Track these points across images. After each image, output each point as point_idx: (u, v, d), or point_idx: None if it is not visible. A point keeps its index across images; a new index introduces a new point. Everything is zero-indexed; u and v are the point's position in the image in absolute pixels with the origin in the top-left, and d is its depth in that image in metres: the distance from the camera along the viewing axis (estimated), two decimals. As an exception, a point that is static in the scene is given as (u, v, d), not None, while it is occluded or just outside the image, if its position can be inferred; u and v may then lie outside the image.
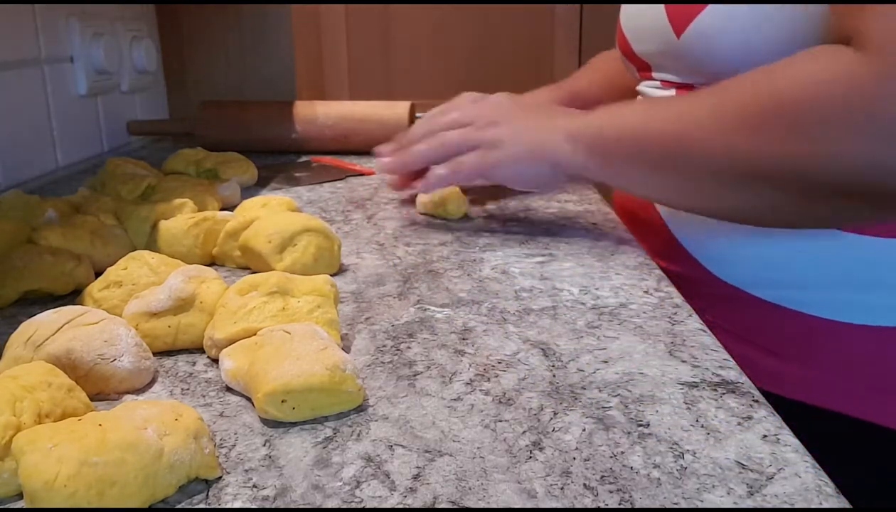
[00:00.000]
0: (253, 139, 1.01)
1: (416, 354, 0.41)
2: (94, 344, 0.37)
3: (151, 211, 0.58)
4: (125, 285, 0.46)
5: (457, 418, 0.35)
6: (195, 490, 0.30)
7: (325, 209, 0.74)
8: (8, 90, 0.79)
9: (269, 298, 0.41)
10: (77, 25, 0.91)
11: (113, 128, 1.03)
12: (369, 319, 0.46)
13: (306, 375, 0.34)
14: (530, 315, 0.47)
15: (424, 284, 0.52)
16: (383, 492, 0.29)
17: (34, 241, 0.53)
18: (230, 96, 1.21)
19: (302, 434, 0.34)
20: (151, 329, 0.41)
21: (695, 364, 0.40)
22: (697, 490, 0.29)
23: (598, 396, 0.37)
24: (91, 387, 0.36)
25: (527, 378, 0.38)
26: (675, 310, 0.47)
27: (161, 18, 1.18)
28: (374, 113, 0.99)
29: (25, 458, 0.28)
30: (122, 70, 1.03)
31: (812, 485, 0.30)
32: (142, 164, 0.75)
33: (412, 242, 0.62)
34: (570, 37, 1.93)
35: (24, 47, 0.83)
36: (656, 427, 0.34)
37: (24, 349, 0.37)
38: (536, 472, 0.31)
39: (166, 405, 0.31)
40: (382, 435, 0.33)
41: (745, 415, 0.35)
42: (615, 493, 0.29)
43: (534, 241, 0.62)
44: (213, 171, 0.79)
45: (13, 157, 0.80)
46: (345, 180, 0.87)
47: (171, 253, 0.54)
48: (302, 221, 0.53)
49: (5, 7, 0.79)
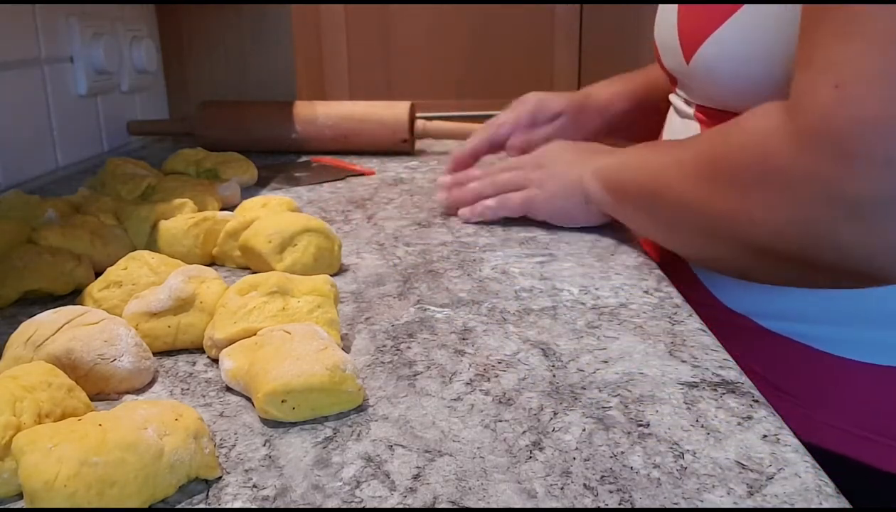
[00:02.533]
0: (253, 139, 1.01)
1: (416, 354, 0.41)
2: (94, 344, 0.37)
3: (151, 211, 0.58)
4: (125, 285, 0.46)
5: (457, 418, 0.35)
6: (195, 490, 0.30)
7: (325, 209, 0.74)
8: (8, 90, 0.79)
9: (269, 297, 0.41)
10: (77, 25, 0.91)
11: (113, 128, 1.03)
12: (369, 319, 0.46)
13: (306, 375, 0.34)
14: (530, 315, 0.47)
15: (424, 284, 0.52)
16: (383, 492, 0.29)
17: (34, 241, 0.53)
18: (230, 96, 1.21)
19: (302, 434, 0.34)
20: (151, 329, 0.41)
21: (695, 364, 0.40)
22: (697, 490, 0.29)
23: (598, 396, 0.37)
24: (91, 387, 0.36)
25: (527, 378, 0.38)
26: (675, 310, 0.47)
27: (161, 18, 1.18)
28: (374, 113, 0.99)
29: (25, 458, 0.28)
30: (122, 70, 1.03)
31: (812, 485, 0.30)
32: (142, 165, 0.75)
33: (412, 242, 0.62)
34: (570, 37, 1.93)
35: (24, 47, 0.83)
36: (656, 427, 0.34)
37: (24, 349, 0.37)
38: (536, 472, 0.31)
39: (166, 405, 0.31)
40: (382, 435, 0.33)
41: (745, 415, 0.35)
42: (615, 493, 0.29)
43: (534, 242, 0.62)
44: (213, 171, 0.79)
45: (13, 157, 0.80)
46: (345, 180, 0.87)
47: (171, 253, 0.54)
48: (302, 221, 0.53)
49: (5, 7, 0.79)
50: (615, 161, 0.60)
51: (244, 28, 1.19)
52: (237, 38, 1.19)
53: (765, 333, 0.59)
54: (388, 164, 0.95)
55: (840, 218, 0.40)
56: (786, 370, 0.58)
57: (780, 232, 0.44)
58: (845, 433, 0.55)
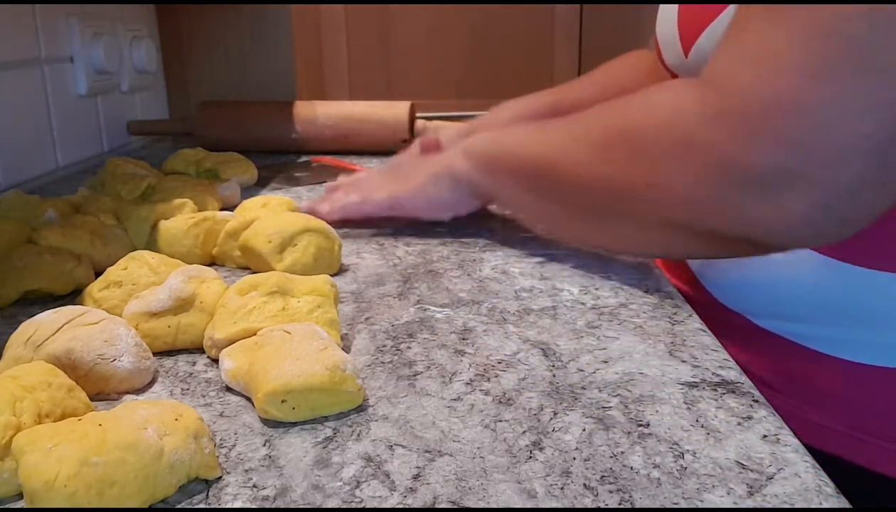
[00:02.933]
0: (253, 139, 1.01)
1: (416, 354, 0.41)
2: (95, 344, 0.37)
3: (151, 211, 0.58)
4: (125, 285, 0.46)
5: (457, 418, 0.35)
6: (195, 490, 0.30)
7: (325, 209, 0.74)
8: (8, 90, 0.79)
9: (269, 298, 0.41)
10: (77, 25, 0.91)
11: (113, 128, 1.03)
12: (369, 319, 0.46)
13: (306, 375, 0.34)
14: (530, 315, 0.47)
15: (424, 284, 0.52)
16: (383, 492, 0.29)
17: (34, 241, 0.53)
18: (230, 96, 1.21)
19: (302, 434, 0.34)
20: (151, 329, 0.41)
21: (695, 364, 0.40)
22: (697, 490, 0.29)
23: (598, 396, 0.37)
24: (91, 387, 0.36)
25: (527, 378, 0.38)
26: (675, 310, 0.47)
27: (161, 18, 1.18)
28: (374, 113, 0.99)
29: (25, 458, 0.28)
30: (122, 70, 1.03)
31: (812, 485, 0.30)
32: (142, 165, 0.75)
33: (412, 242, 0.62)
34: (570, 37, 1.93)
35: (24, 47, 0.83)
36: (656, 427, 0.34)
37: (24, 349, 0.36)
38: (536, 472, 0.31)
39: (166, 405, 0.31)
40: (382, 435, 0.33)
41: (745, 415, 0.35)
42: (615, 493, 0.29)
43: (534, 242, 0.62)
44: (213, 171, 0.79)
45: (13, 157, 0.80)
46: (345, 180, 0.87)
47: (171, 253, 0.54)
48: (302, 221, 0.53)
49: (5, 7, 0.79)
50: (488, 136, 0.59)
51: (244, 28, 1.19)
52: (237, 38, 1.19)
53: (762, 333, 0.59)
54: (387, 164, 0.95)
55: (743, 190, 0.42)
56: (781, 370, 0.58)
57: (687, 203, 0.45)
58: (839, 434, 0.55)
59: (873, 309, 0.54)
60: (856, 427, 0.55)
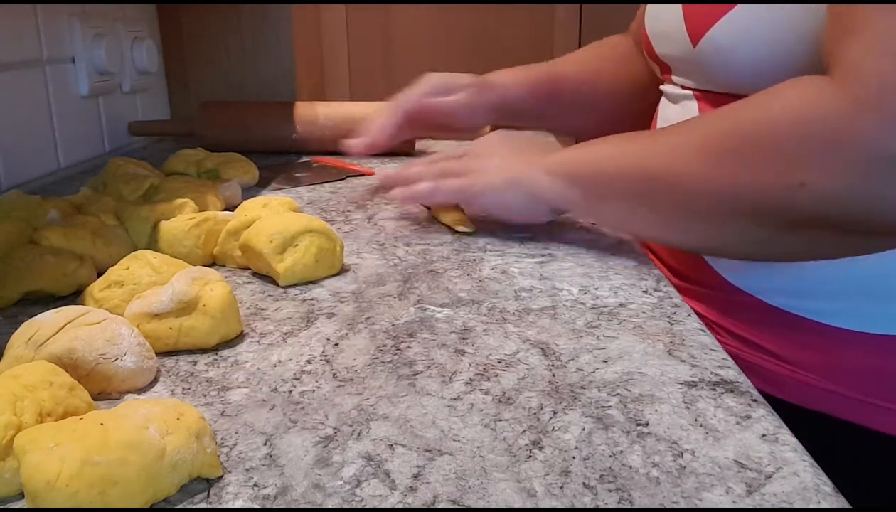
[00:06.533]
0: (254, 139, 1.01)
1: (416, 353, 0.42)
2: (96, 343, 0.37)
3: (152, 211, 0.58)
4: (126, 285, 0.46)
5: (457, 418, 0.35)
6: (196, 489, 0.30)
7: (326, 209, 0.74)
8: (10, 91, 0.79)
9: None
10: (78, 26, 0.91)
11: (114, 128, 1.03)
12: (369, 319, 0.46)
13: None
14: (530, 315, 0.47)
15: (424, 284, 0.52)
16: (383, 491, 0.29)
17: (36, 241, 0.53)
18: (231, 97, 1.21)
19: (302, 433, 0.34)
20: (153, 330, 0.41)
21: (693, 364, 0.40)
22: (696, 489, 0.29)
23: (597, 396, 0.37)
24: (93, 386, 0.36)
25: (526, 378, 0.39)
26: (674, 310, 0.48)
27: (162, 19, 1.18)
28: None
29: (27, 457, 0.28)
30: (124, 71, 1.03)
31: (811, 484, 0.30)
32: (143, 165, 0.76)
33: (412, 242, 0.62)
34: (570, 37, 1.93)
35: (25, 48, 0.83)
36: (655, 426, 0.34)
37: (25, 349, 0.37)
38: (536, 471, 0.31)
39: (168, 404, 0.31)
40: (383, 434, 0.33)
41: (744, 414, 0.35)
42: (614, 492, 0.29)
43: (534, 242, 0.62)
44: (214, 171, 0.79)
45: (15, 158, 0.80)
46: (345, 180, 0.87)
47: (172, 253, 0.54)
48: (303, 222, 0.53)
49: (7, 8, 0.79)
50: (577, 155, 0.59)
51: (244, 28, 1.19)
52: (237, 39, 1.20)
53: (771, 310, 0.60)
54: (388, 165, 0.95)
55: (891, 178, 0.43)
56: (793, 344, 0.59)
57: (828, 198, 0.45)
58: (851, 401, 0.57)
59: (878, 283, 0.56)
60: (867, 392, 0.57)
